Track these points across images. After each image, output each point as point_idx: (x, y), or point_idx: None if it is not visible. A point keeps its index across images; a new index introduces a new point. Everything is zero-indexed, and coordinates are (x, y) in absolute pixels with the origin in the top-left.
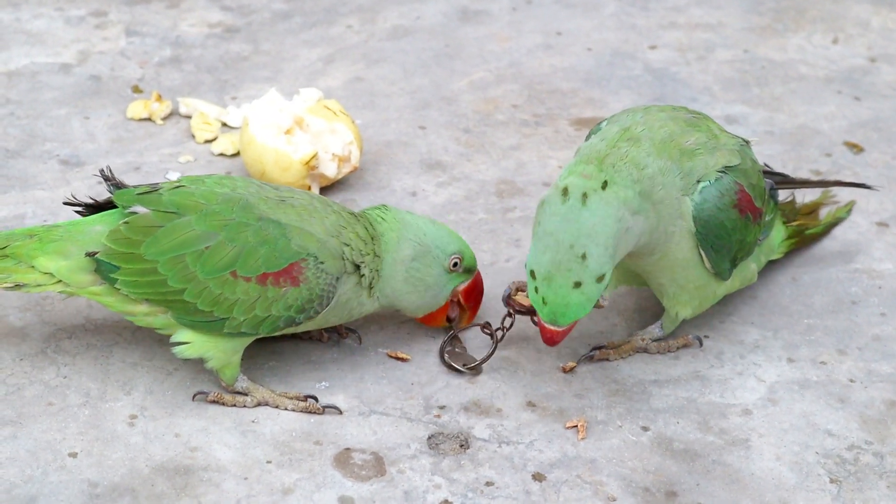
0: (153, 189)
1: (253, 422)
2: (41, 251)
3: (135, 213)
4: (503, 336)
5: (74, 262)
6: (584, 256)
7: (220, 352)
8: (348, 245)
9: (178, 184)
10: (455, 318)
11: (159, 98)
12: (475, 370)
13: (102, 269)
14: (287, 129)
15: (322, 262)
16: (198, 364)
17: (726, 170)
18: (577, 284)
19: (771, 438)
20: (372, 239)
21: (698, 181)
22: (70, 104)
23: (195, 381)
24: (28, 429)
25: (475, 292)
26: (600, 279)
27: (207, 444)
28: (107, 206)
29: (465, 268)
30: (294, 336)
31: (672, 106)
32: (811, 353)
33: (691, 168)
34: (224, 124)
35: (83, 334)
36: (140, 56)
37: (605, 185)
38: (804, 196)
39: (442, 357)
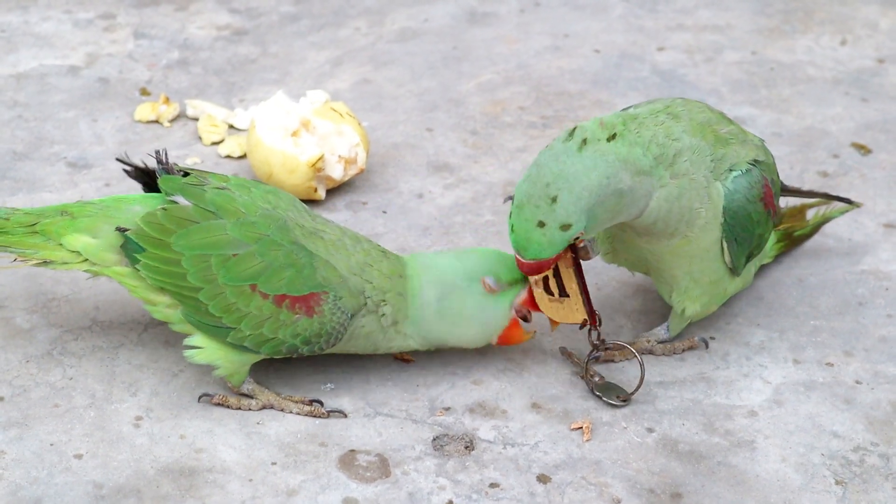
0: (201, 182)
1: (258, 423)
2: (71, 228)
3: (175, 202)
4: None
5: (104, 239)
6: (554, 199)
7: (229, 362)
8: (370, 283)
9: (224, 184)
10: (591, 324)
11: (167, 100)
12: (628, 400)
13: (129, 246)
14: (294, 131)
15: (340, 298)
16: (203, 366)
17: (755, 163)
18: (541, 224)
19: (776, 440)
20: (399, 276)
21: (730, 169)
22: (78, 106)
23: (200, 382)
24: (34, 430)
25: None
26: (565, 227)
27: (212, 445)
28: (151, 173)
29: (510, 281)
30: None
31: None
32: (817, 355)
33: (724, 154)
34: (231, 126)
35: (89, 336)
36: (148, 58)
37: (612, 137)
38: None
39: (591, 390)
